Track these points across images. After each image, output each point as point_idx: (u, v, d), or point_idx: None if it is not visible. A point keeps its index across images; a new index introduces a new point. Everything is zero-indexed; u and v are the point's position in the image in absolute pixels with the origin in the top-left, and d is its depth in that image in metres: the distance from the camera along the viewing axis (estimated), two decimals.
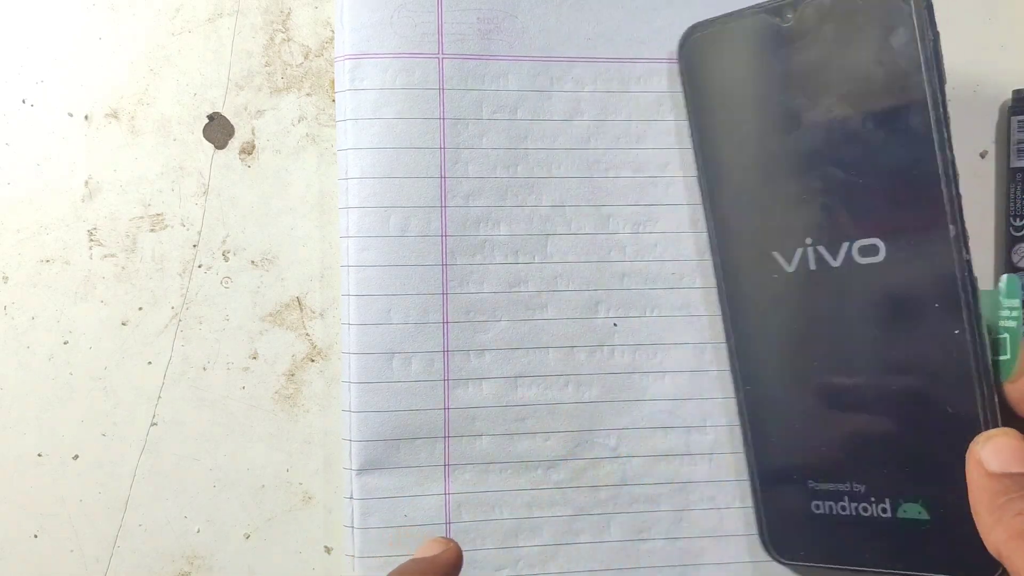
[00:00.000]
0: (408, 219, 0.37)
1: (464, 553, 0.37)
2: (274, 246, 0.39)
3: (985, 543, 0.27)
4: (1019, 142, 0.39)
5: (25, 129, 0.38)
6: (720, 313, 0.37)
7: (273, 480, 0.39)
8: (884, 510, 0.34)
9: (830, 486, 0.35)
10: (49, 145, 0.38)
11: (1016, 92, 0.39)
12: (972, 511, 0.27)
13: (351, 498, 0.37)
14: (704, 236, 0.38)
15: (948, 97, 0.40)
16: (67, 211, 0.38)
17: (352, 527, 0.37)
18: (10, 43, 0.38)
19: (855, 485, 0.35)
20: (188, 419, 0.38)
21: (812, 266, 0.34)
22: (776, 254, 0.35)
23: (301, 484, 0.39)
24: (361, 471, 0.37)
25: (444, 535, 0.37)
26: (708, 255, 0.37)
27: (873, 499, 0.34)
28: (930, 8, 0.32)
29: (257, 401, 0.39)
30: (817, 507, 0.35)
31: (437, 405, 0.37)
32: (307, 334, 0.39)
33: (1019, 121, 0.39)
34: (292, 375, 0.39)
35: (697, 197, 0.38)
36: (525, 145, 0.38)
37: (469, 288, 0.37)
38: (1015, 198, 0.39)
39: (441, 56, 0.37)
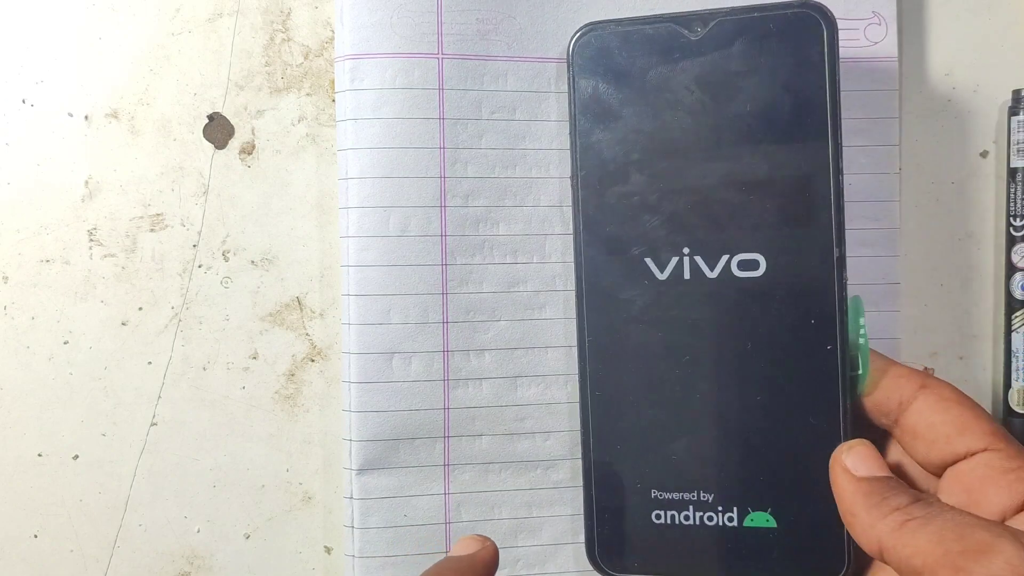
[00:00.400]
0: (408, 219, 0.37)
1: None
2: (274, 246, 0.39)
3: (861, 540, 0.28)
4: (1019, 142, 0.39)
5: (25, 129, 0.38)
6: (575, 316, 0.35)
7: (273, 480, 0.39)
8: (731, 519, 0.34)
9: (675, 495, 0.35)
10: (49, 145, 0.38)
11: (1016, 92, 0.39)
12: (845, 513, 0.29)
13: (351, 498, 0.37)
14: None
15: (947, 98, 0.41)
16: (67, 211, 0.38)
17: (352, 527, 0.37)
18: (10, 43, 0.38)
19: (703, 494, 0.34)
20: (188, 419, 0.38)
21: (686, 275, 0.34)
22: (648, 260, 0.34)
23: (301, 484, 0.39)
24: (361, 471, 0.37)
25: (444, 535, 0.37)
26: None
27: (721, 508, 0.34)
28: (837, 42, 0.33)
29: (257, 401, 0.39)
30: (658, 516, 0.35)
31: (437, 405, 0.37)
32: (307, 334, 0.39)
33: (1019, 121, 0.39)
34: (292, 375, 0.39)
35: None
36: (523, 145, 0.38)
37: (469, 288, 0.37)
38: (1015, 198, 0.39)
39: (441, 56, 0.37)
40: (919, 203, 0.40)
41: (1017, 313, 0.39)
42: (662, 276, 0.34)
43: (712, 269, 0.34)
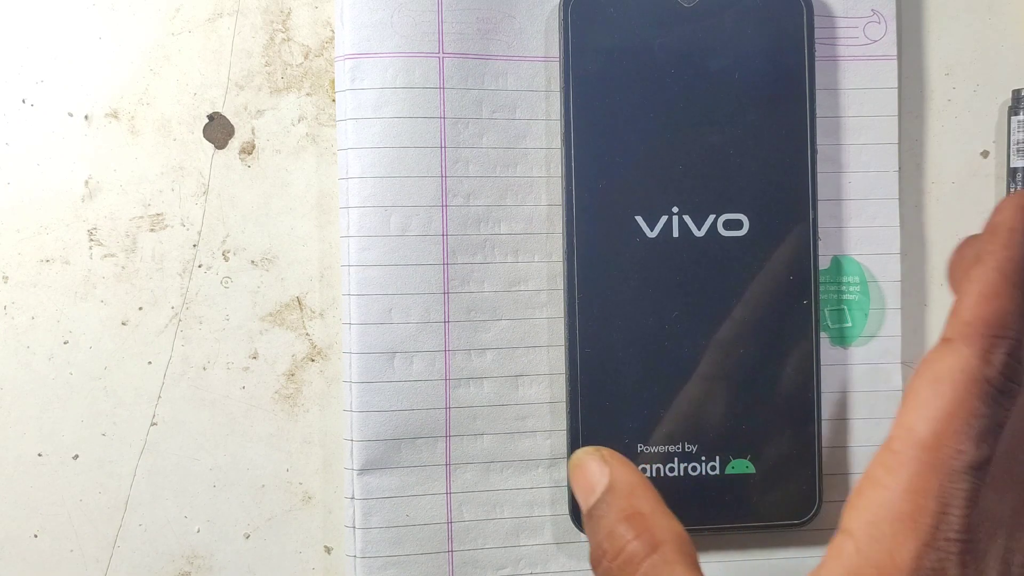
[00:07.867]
0: (409, 218, 0.37)
1: (465, 552, 0.37)
2: (274, 246, 0.39)
3: None
4: (1019, 142, 0.39)
5: (25, 129, 0.38)
6: (563, 273, 0.37)
7: (273, 480, 0.39)
8: (713, 468, 0.36)
9: (661, 448, 0.36)
10: (49, 145, 0.38)
11: (1016, 92, 0.40)
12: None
13: (352, 498, 0.37)
14: None
15: (947, 97, 0.41)
16: (67, 211, 0.38)
17: (354, 527, 0.37)
18: (10, 43, 0.38)
19: (687, 445, 0.36)
20: (188, 419, 0.38)
21: (675, 234, 0.36)
22: (639, 219, 0.36)
23: (301, 484, 0.39)
24: (362, 471, 0.37)
25: (446, 535, 0.37)
26: None
27: (704, 458, 0.36)
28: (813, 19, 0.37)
29: (257, 401, 0.39)
30: (643, 470, 0.36)
31: (438, 404, 0.37)
32: (307, 334, 0.39)
33: (1019, 121, 0.39)
34: (292, 375, 0.39)
35: None
36: (524, 144, 0.38)
37: (470, 287, 0.37)
38: None
39: (441, 55, 0.37)
40: (919, 203, 0.40)
41: None
42: (652, 234, 0.36)
43: (699, 228, 0.36)
